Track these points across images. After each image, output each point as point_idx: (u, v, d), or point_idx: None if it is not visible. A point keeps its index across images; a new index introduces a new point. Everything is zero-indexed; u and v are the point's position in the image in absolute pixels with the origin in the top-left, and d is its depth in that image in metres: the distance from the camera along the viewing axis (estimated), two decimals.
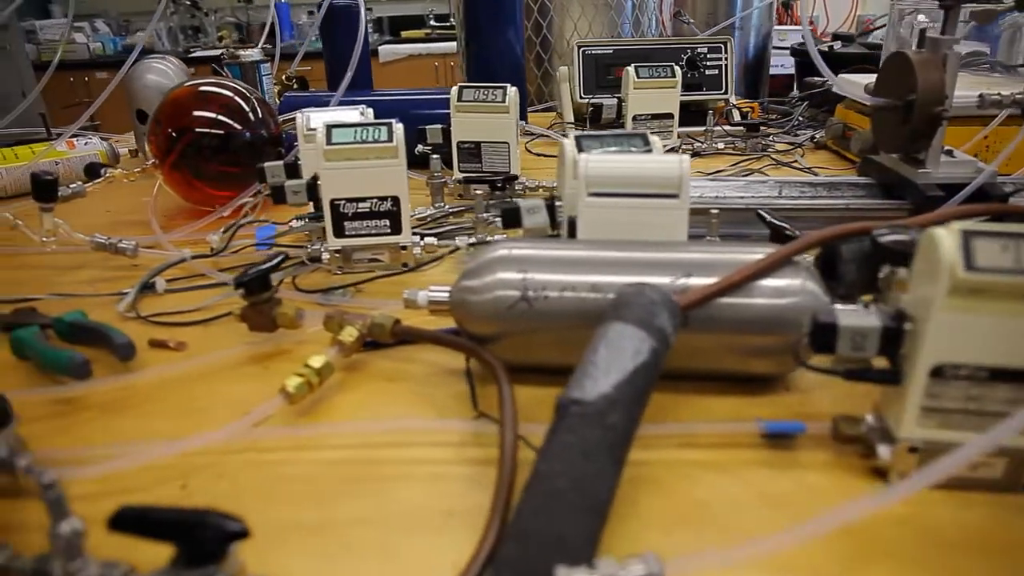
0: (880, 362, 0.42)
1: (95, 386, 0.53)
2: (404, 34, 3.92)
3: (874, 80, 0.88)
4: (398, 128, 0.67)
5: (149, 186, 0.94)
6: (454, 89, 0.89)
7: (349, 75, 0.83)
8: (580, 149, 0.58)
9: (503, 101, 0.87)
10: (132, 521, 0.32)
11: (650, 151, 0.59)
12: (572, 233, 0.57)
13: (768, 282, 0.47)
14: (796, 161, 1.09)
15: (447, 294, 0.52)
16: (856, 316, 0.41)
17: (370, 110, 0.79)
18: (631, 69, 1.03)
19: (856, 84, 0.93)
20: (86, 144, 1.09)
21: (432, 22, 4.02)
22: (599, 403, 0.37)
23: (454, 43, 3.83)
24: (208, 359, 0.57)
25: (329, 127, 0.67)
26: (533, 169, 1.06)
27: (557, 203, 0.60)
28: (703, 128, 1.15)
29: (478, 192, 0.73)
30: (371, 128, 0.67)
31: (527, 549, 0.32)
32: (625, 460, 0.37)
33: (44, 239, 0.75)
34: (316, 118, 0.77)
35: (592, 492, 0.34)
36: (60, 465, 0.43)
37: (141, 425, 0.50)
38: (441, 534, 0.39)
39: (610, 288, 0.47)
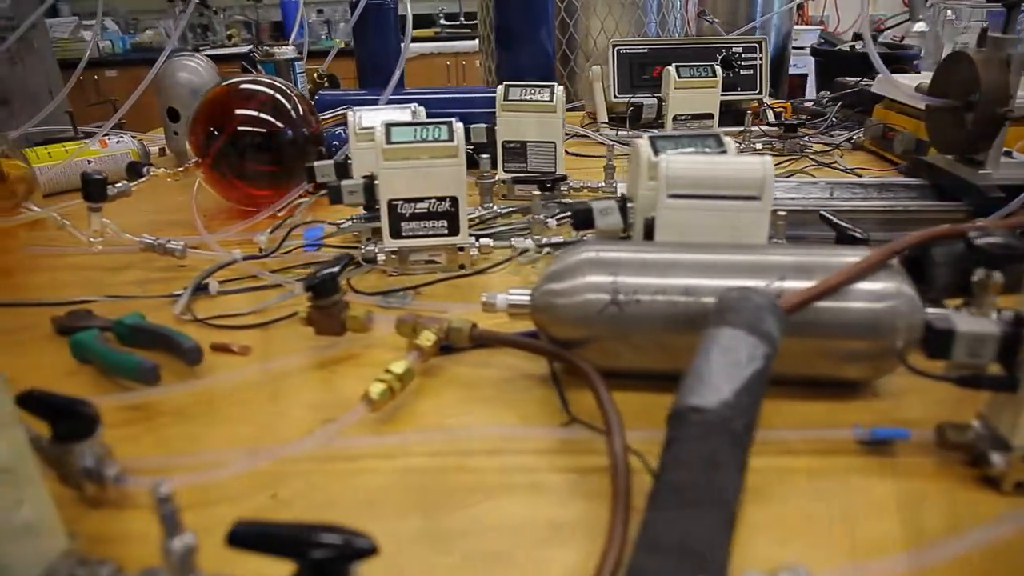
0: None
1: (165, 392, 0.52)
2: (413, 33, 3.88)
3: (924, 80, 0.87)
4: (458, 127, 0.66)
5: (183, 185, 0.93)
6: (500, 88, 0.88)
7: (398, 73, 0.82)
8: (655, 150, 0.56)
9: (550, 100, 0.86)
10: (250, 537, 0.31)
11: (725, 152, 0.58)
12: (648, 235, 0.56)
13: (864, 286, 0.46)
14: (836, 162, 1.08)
15: (528, 297, 0.51)
16: (973, 322, 0.40)
17: (422, 109, 0.78)
18: (672, 69, 1.02)
19: (902, 84, 0.91)
20: (118, 143, 1.07)
21: (442, 21, 4.01)
22: (722, 410, 0.36)
23: (464, 42, 3.83)
24: (276, 364, 0.56)
25: (388, 126, 0.65)
26: (569, 169, 1.05)
27: (629, 204, 0.59)
28: (739, 128, 1.14)
29: (535, 193, 0.71)
30: (431, 127, 0.66)
31: (665, 562, 0.31)
32: (747, 468, 0.36)
33: (92, 239, 0.73)
34: (368, 117, 0.75)
35: (724, 502, 0.33)
36: (142, 474, 0.41)
37: (217, 432, 0.49)
38: (550, 546, 0.37)
39: (703, 292, 0.46)
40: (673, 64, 1.02)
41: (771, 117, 1.23)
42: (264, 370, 0.55)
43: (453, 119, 0.66)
